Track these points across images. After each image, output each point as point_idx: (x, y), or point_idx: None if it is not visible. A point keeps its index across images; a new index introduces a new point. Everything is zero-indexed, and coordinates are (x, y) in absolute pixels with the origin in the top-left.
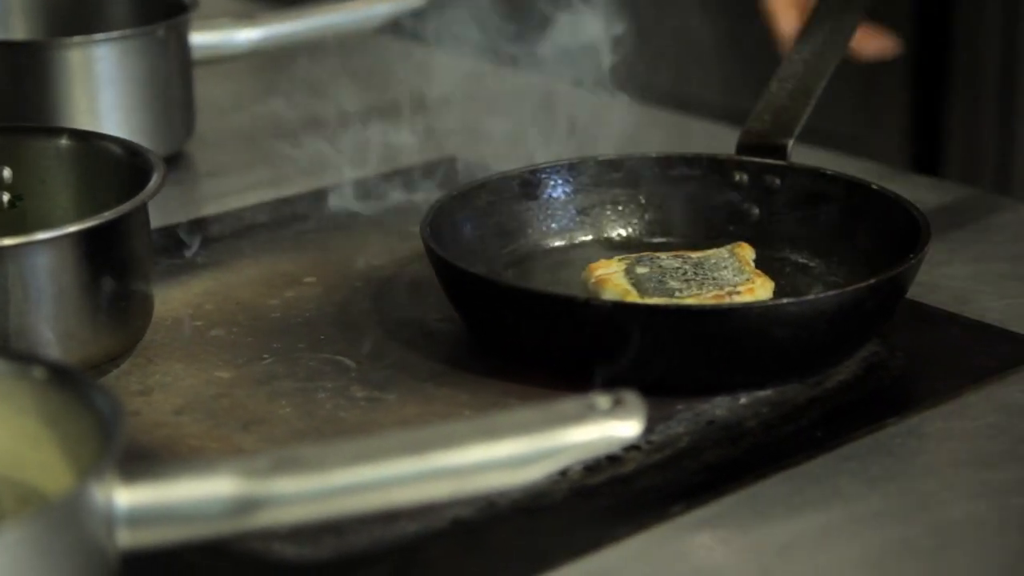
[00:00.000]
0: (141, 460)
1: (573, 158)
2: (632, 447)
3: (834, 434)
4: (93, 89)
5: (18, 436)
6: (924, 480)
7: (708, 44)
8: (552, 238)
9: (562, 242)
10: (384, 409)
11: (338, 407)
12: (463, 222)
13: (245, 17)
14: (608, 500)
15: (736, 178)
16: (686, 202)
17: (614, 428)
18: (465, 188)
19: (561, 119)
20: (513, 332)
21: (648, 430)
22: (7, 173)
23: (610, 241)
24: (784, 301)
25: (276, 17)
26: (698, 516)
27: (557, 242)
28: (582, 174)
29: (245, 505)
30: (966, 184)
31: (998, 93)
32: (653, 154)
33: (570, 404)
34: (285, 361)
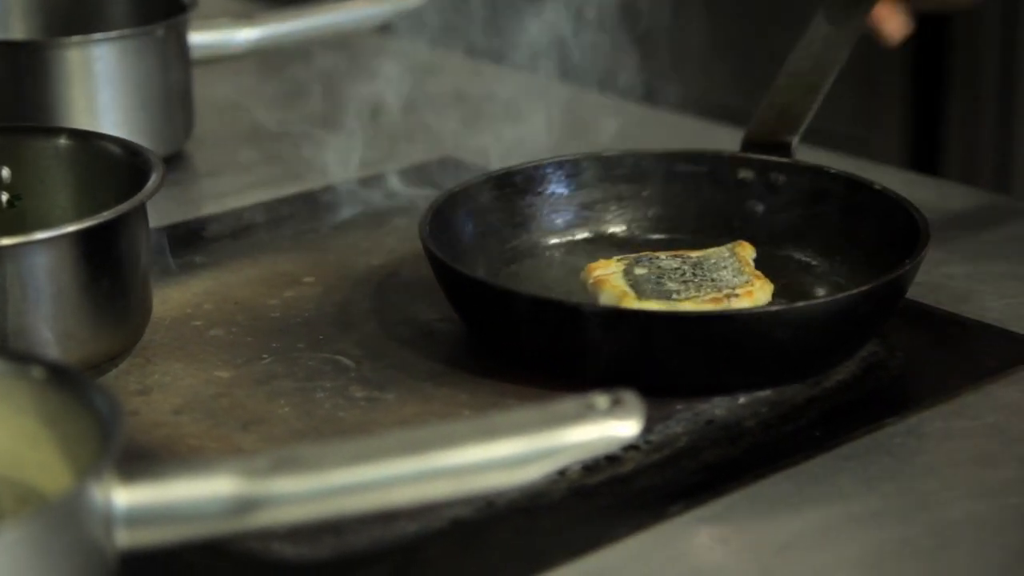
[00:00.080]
0: (140, 460)
1: (577, 154)
2: (631, 447)
3: (833, 434)
4: (92, 89)
5: (17, 436)
6: (923, 480)
7: (709, 44)
8: (555, 234)
9: (565, 238)
10: (383, 409)
11: (337, 407)
12: (464, 219)
13: (244, 17)
14: (607, 500)
15: (740, 175)
16: (690, 198)
17: (613, 428)
18: (466, 184)
19: (561, 119)
20: (509, 334)
21: (647, 430)
22: (6, 173)
23: (613, 237)
24: (773, 308)
25: (275, 17)
26: (697, 516)
27: (560, 238)
28: (586, 170)
29: (244, 505)
30: (965, 184)
31: (997, 93)
32: (657, 150)
33: (569, 404)
34: (284, 361)
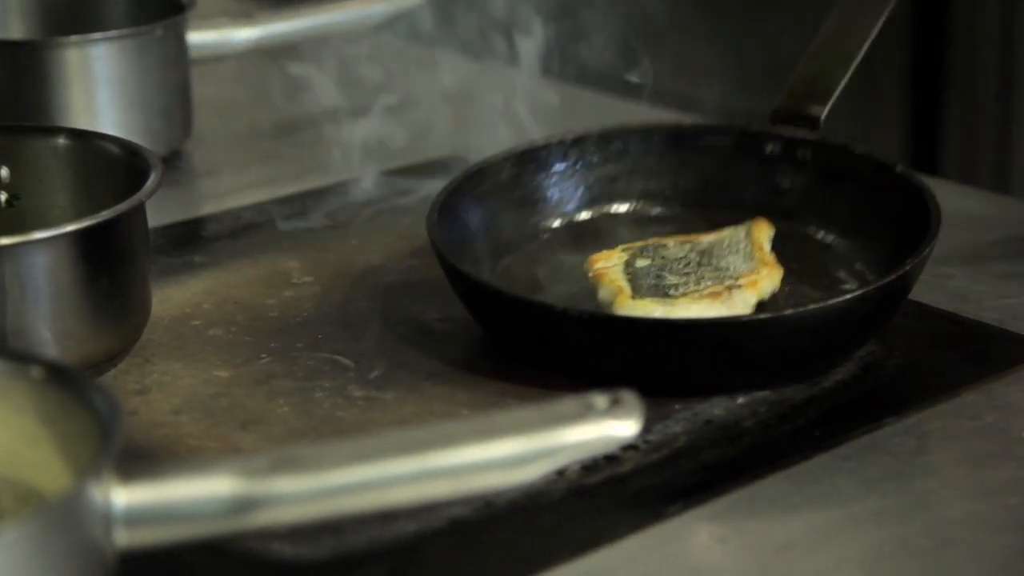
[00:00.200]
0: (139, 460)
1: (601, 128)
2: (630, 447)
3: (832, 434)
4: (91, 88)
5: (16, 435)
6: (922, 480)
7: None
8: (579, 211)
9: (588, 214)
10: (382, 408)
11: (336, 406)
12: (479, 200)
13: (243, 16)
14: (606, 500)
15: (767, 149)
16: (717, 172)
17: (612, 428)
18: (491, 160)
19: (560, 118)
20: (507, 331)
21: (646, 430)
22: (5, 172)
23: (636, 212)
24: (745, 319)
25: (274, 16)
26: (696, 516)
27: (584, 215)
28: (613, 142)
29: (243, 505)
30: (965, 183)
31: (996, 93)
32: (686, 123)
33: (568, 404)
34: (283, 360)
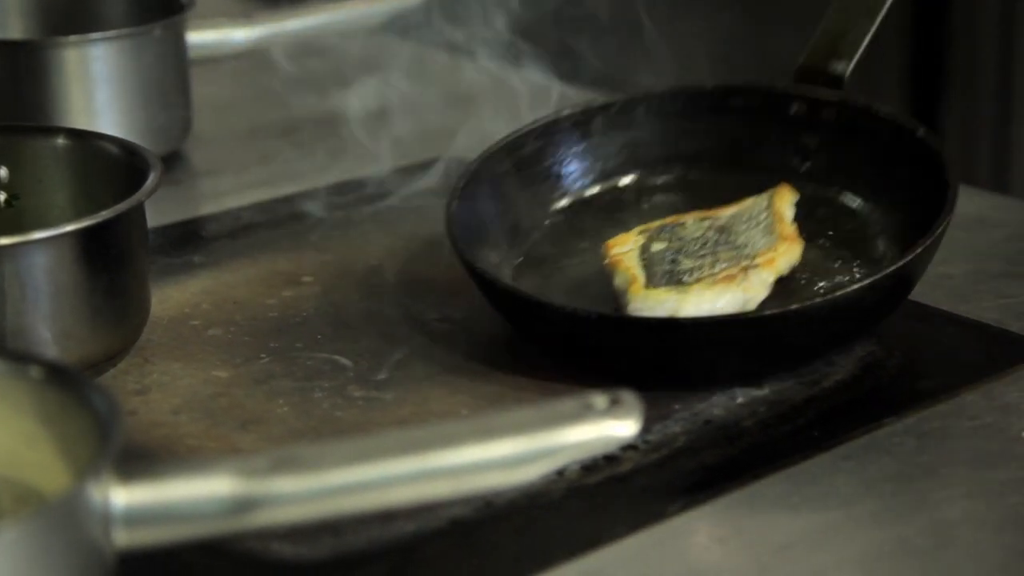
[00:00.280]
0: (138, 460)
1: (626, 94)
2: (629, 447)
3: (831, 434)
4: (90, 88)
5: (15, 435)
6: (921, 480)
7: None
8: (605, 180)
9: (613, 183)
10: (381, 409)
11: (335, 407)
12: (500, 178)
13: (242, 16)
14: (605, 500)
15: (792, 109)
16: (743, 133)
17: (611, 428)
18: (513, 136)
19: None
20: (520, 325)
21: (645, 430)
22: (4, 172)
23: (663, 177)
24: (746, 317)
25: (273, 16)
26: (695, 515)
27: (609, 184)
28: (635, 109)
29: (243, 505)
30: (964, 183)
31: (995, 93)
32: (709, 85)
33: (567, 404)
34: (283, 360)
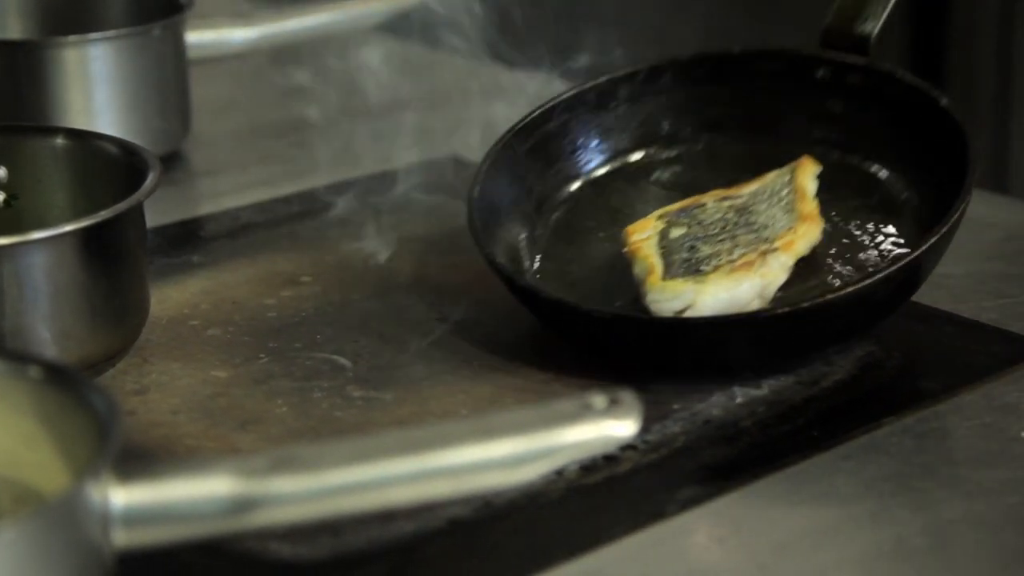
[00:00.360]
0: (137, 460)
1: (651, 62)
2: (628, 446)
3: (830, 434)
4: (89, 88)
5: (14, 436)
6: (921, 480)
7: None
8: (631, 152)
9: (639, 155)
10: (380, 409)
11: (335, 406)
12: (526, 154)
13: (241, 16)
14: (604, 499)
15: (818, 74)
16: (769, 99)
17: (610, 428)
18: (539, 110)
19: None
20: (546, 321)
21: (644, 430)
22: (3, 172)
23: (690, 145)
24: (745, 317)
25: (272, 16)
26: (694, 515)
27: (635, 156)
28: (661, 78)
29: (242, 505)
30: None
31: (994, 92)
32: (735, 50)
33: (566, 404)
34: (282, 360)
